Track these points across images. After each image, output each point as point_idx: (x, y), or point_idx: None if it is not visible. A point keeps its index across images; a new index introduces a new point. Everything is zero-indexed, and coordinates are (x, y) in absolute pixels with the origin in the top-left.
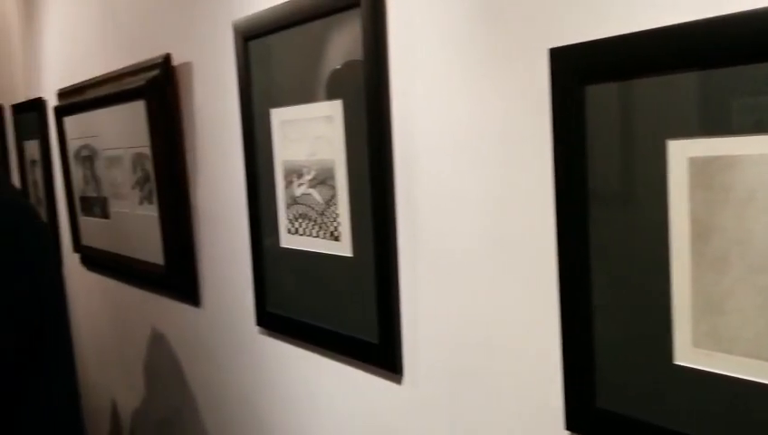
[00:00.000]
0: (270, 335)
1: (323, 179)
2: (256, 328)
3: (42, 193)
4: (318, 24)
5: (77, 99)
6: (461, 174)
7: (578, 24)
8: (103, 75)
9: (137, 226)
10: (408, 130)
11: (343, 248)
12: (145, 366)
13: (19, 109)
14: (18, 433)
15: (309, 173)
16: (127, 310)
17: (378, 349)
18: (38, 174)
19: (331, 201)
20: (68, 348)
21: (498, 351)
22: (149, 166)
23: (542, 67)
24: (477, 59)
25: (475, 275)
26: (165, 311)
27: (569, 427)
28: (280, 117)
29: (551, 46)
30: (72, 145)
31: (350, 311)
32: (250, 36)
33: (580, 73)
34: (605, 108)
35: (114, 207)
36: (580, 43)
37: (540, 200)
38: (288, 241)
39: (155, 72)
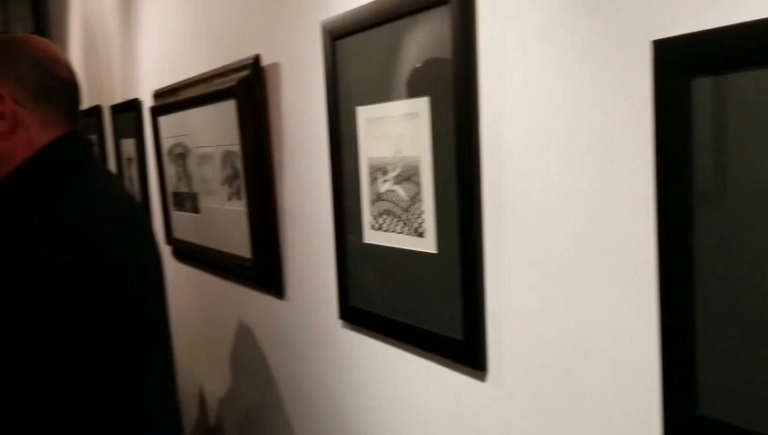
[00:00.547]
0: (352, 329)
1: (408, 176)
2: (339, 321)
3: (137, 189)
4: (404, 21)
5: (171, 99)
6: (552, 171)
7: (683, 14)
8: (196, 77)
9: (225, 220)
10: (496, 126)
11: (428, 245)
12: (231, 355)
13: (117, 109)
14: (120, 414)
15: (394, 170)
16: (215, 300)
17: (462, 345)
18: (134, 171)
19: (415, 198)
20: (166, 335)
21: (589, 352)
22: (239, 163)
23: (643, 60)
24: (571, 53)
25: (565, 275)
26: (251, 302)
27: (667, 434)
28: (366, 115)
29: (654, 38)
30: (166, 143)
31: (433, 307)
32: (338, 36)
33: (687, 66)
34: (713, 102)
35: (204, 203)
36: (687, 35)
37: (638, 200)
38: (372, 237)
39: (245, 73)
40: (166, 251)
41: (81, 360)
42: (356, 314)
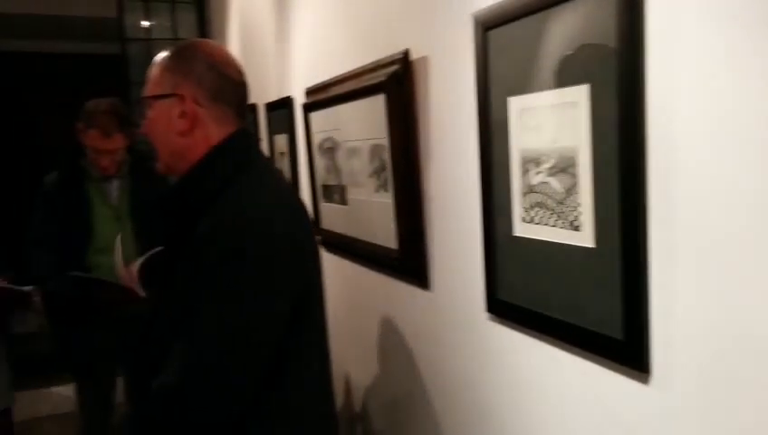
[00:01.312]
0: (500, 323)
1: (564, 168)
2: (485, 314)
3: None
4: (558, 9)
5: (322, 96)
6: (732, 161)
7: None
8: (346, 73)
9: (372, 212)
10: (665, 114)
11: (584, 239)
12: (376, 344)
13: (271, 107)
14: (280, 396)
15: (548, 161)
16: (361, 290)
17: (622, 345)
18: (285, 164)
19: (571, 190)
20: (323, 322)
21: None
22: (386, 156)
23: None
24: (756, 33)
25: (747, 271)
26: (396, 293)
27: None
28: (518, 105)
29: None
30: (317, 138)
31: (589, 303)
32: (490, 26)
33: None
34: None
35: (352, 195)
36: None
37: None
38: (522, 230)
39: (394, 68)
40: None
41: (251, 340)
42: (504, 308)
